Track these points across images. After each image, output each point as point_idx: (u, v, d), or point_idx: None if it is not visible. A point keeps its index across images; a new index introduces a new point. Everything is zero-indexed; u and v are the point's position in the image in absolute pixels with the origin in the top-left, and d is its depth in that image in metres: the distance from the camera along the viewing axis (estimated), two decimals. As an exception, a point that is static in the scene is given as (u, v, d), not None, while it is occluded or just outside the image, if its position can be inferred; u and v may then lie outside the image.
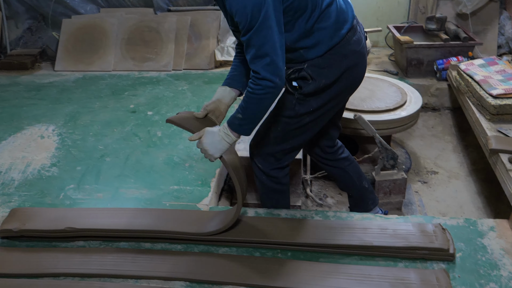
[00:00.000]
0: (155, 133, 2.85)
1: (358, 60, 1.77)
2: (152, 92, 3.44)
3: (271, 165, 1.97)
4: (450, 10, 3.87)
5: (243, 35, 1.54)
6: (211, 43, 3.86)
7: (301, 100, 1.79)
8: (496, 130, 2.42)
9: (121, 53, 3.90)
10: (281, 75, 1.56)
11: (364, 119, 2.42)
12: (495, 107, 2.46)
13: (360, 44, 1.76)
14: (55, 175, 2.44)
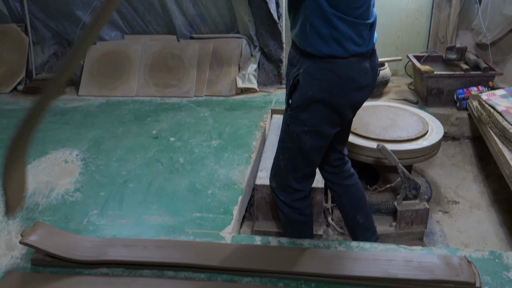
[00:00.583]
0: (177, 159, 2.87)
1: (354, 87, 1.72)
2: (174, 118, 3.48)
3: (292, 196, 1.96)
4: (470, 40, 3.87)
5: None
6: (232, 70, 3.91)
7: (292, 117, 1.79)
8: (520, 161, 2.40)
9: (144, 79, 3.96)
10: None
11: (387, 149, 2.41)
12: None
13: (364, 76, 1.72)
14: (78, 200, 2.46)
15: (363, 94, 1.77)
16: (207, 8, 3.96)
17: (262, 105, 3.65)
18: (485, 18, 3.68)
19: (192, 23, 4.07)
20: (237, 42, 3.97)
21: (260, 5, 3.74)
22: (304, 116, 1.75)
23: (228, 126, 3.30)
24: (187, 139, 3.13)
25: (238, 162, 2.80)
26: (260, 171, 2.58)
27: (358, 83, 1.71)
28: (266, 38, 3.90)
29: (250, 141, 3.06)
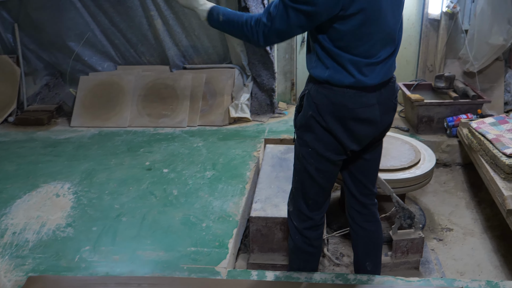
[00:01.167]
0: (171, 191, 2.83)
1: (349, 116, 1.71)
2: (167, 149, 3.45)
3: (303, 223, 1.96)
4: (457, 68, 3.92)
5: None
6: (225, 100, 3.91)
7: (298, 137, 1.85)
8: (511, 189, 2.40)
9: (137, 109, 3.95)
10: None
11: (381, 179, 2.40)
12: (510, 166, 2.44)
13: (363, 108, 1.70)
14: (70, 236, 2.41)
15: (364, 127, 1.75)
16: (200, 39, 3.98)
17: (255, 135, 3.64)
18: (472, 47, 3.74)
19: (185, 54, 4.09)
20: (230, 72, 3.98)
21: (251, 36, 3.77)
22: (307, 137, 1.80)
23: (221, 156, 3.28)
24: (180, 170, 3.10)
25: (232, 194, 2.77)
26: (255, 202, 2.55)
27: (354, 113, 1.71)
28: (258, 68, 3.92)
29: (244, 172, 3.03)
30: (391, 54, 1.73)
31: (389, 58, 1.72)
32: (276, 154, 3.13)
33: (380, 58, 1.69)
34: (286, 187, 2.68)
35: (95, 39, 4.05)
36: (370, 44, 1.64)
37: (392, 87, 1.80)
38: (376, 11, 1.59)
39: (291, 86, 4.24)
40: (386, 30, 1.66)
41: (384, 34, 1.66)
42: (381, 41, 1.66)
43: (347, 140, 1.77)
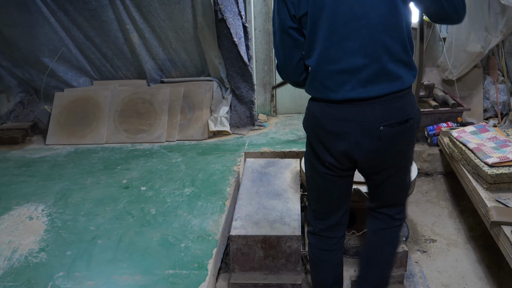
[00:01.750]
0: (149, 210, 2.74)
1: (323, 129, 1.68)
2: (145, 165, 3.36)
3: (309, 226, 2.01)
4: (436, 76, 3.92)
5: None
6: (204, 113, 3.83)
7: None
8: (495, 199, 2.36)
9: (114, 125, 3.84)
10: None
11: (362, 193, 2.34)
12: (492, 177, 2.40)
13: (333, 122, 1.64)
14: (43, 262, 2.30)
15: (340, 143, 1.66)
16: (177, 52, 3.91)
17: (235, 148, 3.57)
18: (450, 55, 3.73)
19: (162, 67, 4.01)
20: (208, 85, 3.91)
21: (230, 48, 3.70)
22: (307, 142, 1.86)
23: (201, 172, 3.19)
24: (159, 187, 3.01)
25: (212, 211, 2.69)
26: (234, 220, 2.47)
27: (326, 127, 1.67)
28: (237, 80, 3.85)
29: (223, 188, 2.95)
30: (364, 66, 1.55)
31: (361, 70, 1.56)
32: (256, 168, 3.06)
33: (342, 67, 1.57)
34: (267, 203, 2.62)
35: (69, 54, 3.95)
36: (322, 48, 1.58)
37: (381, 109, 1.59)
38: (318, 10, 1.55)
39: (271, 98, 4.19)
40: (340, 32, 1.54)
41: (338, 37, 1.54)
42: (337, 45, 1.55)
43: (327, 155, 1.73)
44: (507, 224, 2.10)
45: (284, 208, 2.57)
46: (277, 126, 4.04)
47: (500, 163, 2.46)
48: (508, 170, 2.39)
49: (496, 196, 2.39)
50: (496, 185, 2.42)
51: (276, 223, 2.43)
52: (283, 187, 2.80)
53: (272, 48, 4.00)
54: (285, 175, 2.95)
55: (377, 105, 1.58)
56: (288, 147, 3.52)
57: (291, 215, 2.50)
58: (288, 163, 3.11)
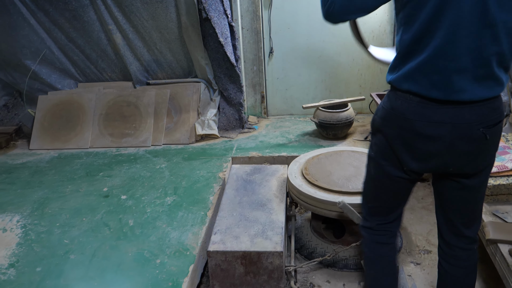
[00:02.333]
0: (127, 221, 2.59)
1: (408, 128, 1.51)
2: (128, 172, 3.21)
3: (363, 221, 1.88)
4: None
5: None
6: (191, 116, 3.67)
7: (371, 136, 1.74)
8: (492, 213, 2.18)
9: (98, 129, 3.70)
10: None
11: (349, 207, 2.18)
12: (489, 188, 2.23)
13: (426, 123, 1.48)
14: (11, 279, 2.16)
15: (431, 146, 1.51)
16: (162, 53, 3.75)
17: (222, 153, 3.41)
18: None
19: (148, 69, 3.85)
20: (195, 87, 3.75)
21: (216, 49, 3.54)
22: (373, 140, 1.69)
23: (185, 179, 3.04)
24: (139, 196, 2.86)
25: (192, 222, 2.54)
26: (214, 234, 2.32)
27: (414, 127, 1.50)
28: (225, 82, 3.69)
29: (207, 196, 2.80)
30: (475, 67, 1.42)
31: (472, 71, 1.42)
32: (241, 175, 2.90)
33: (459, 65, 1.41)
34: (249, 214, 2.46)
35: (52, 57, 3.80)
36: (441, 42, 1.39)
37: (480, 111, 1.47)
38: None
39: (261, 99, 4.02)
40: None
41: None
42: (461, 42, 1.39)
43: (407, 157, 1.57)
44: (504, 243, 1.93)
45: (267, 220, 2.41)
46: (267, 128, 3.88)
47: (498, 172, 2.29)
48: (507, 180, 2.21)
49: (493, 209, 2.22)
50: (494, 197, 2.25)
51: (257, 237, 2.27)
52: (267, 197, 2.64)
53: (261, 48, 3.83)
54: (271, 183, 2.79)
55: (476, 107, 1.46)
56: (277, 151, 3.36)
57: (274, 228, 2.34)
58: (275, 170, 2.95)
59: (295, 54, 3.91)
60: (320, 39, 3.84)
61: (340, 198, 2.37)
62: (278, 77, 3.97)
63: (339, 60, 3.89)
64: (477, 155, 1.53)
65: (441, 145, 1.49)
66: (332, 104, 3.51)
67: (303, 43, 3.87)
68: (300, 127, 3.86)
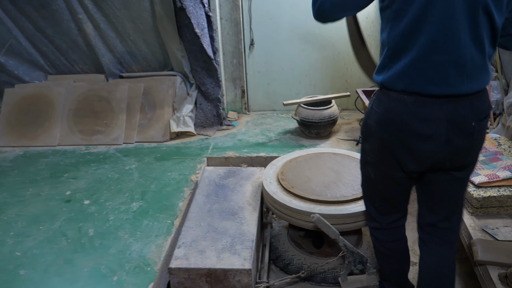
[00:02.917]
0: (86, 231, 2.35)
1: (405, 129, 1.47)
2: (95, 173, 2.96)
3: (370, 222, 1.89)
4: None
5: None
6: (166, 112, 3.42)
7: (361, 143, 1.73)
8: (481, 228, 1.96)
9: (68, 125, 3.44)
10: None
11: (324, 221, 1.95)
12: (479, 200, 2.01)
13: (423, 123, 1.44)
14: (-50, 300, 1.92)
15: (429, 145, 1.48)
16: (136, 45, 3.47)
17: (197, 152, 3.17)
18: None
19: (121, 61, 3.58)
20: (171, 81, 3.48)
21: (193, 40, 3.27)
22: (366, 145, 1.68)
23: (154, 182, 2.80)
24: (104, 201, 2.62)
25: (157, 232, 2.30)
26: (177, 247, 2.08)
27: (411, 128, 1.46)
28: (202, 76, 3.43)
29: (176, 202, 2.56)
30: (471, 59, 1.40)
31: (468, 63, 1.40)
32: (214, 179, 2.66)
33: (454, 58, 1.37)
34: (218, 225, 2.23)
35: (19, 47, 3.52)
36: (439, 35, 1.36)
37: (472, 104, 1.45)
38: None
39: (242, 94, 3.76)
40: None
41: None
42: (454, 34, 1.35)
43: (406, 158, 1.54)
44: (494, 265, 1.71)
45: (237, 232, 2.18)
46: (247, 125, 3.62)
47: (489, 182, 2.05)
48: (498, 192, 1.99)
49: (482, 223, 1.99)
50: (483, 210, 2.03)
51: (225, 252, 2.04)
52: (240, 204, 2.41)
53: (241, 39, 3.56)
54: (245, 188, 2.55)
55: (469, 100, 1.45)
56: (256, 151, 3.12)
57: (244, 241, 2.11)
58: (251, 173, 2.71)
59: (278, 47, 3.64)
60: (304, 31, 3.57)
61: (317, 209, 2.14)
62: (260, 70, 3.70)
63: (324, 54, 3.63)
64: (471, 148, 1.54)
65: (438, 143, 1.47)
66: (314, 101, 3.26)
67: (286, 35, 3.61)
68: (282, 124, 3.61)
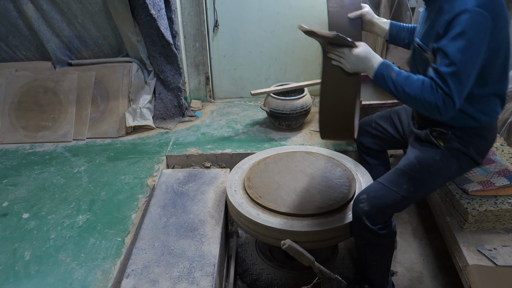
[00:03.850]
0: (22, 254, 1.97)
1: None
2: (38, 178, 2.55)
3: (386, 219, 1.80)
4: (402, 55, 3.10)
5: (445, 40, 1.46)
6: (121, 104, 2.99)
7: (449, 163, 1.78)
8: (476, 249, 1.65)
9: (9, 121, 2.98)
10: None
11: (296, 248, 1.62)
12: (473, 216, 1.69)
13: None
14: None
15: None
16: (85, 28, 3.01)
17: (156, 150, 2.77)
18: (418, 28, 2.92)
19: (70, 46, 3.11)
20: (126, 68, 3.04)
21: (149, 23, 2.83)
22: (455, 167, 1.79)
23: (105, 188, 2.41)
24: (45, 214, 2.23)
25: (105, 254, 1.94)
26: (126, 277, 1.73)
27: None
28: (160, 62, 3.00)
29: (128, 213, 2.19)
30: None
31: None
32: (172, 185, 2.29)
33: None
34: (175, 245, 1.87)
35: (-50, 31, 3.01)
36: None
37: None
38: None
39: (206, 81, 3.34)
40: None
41: None
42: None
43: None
44: (495, 299, 1.41)
45: (197, 254, 1.83)
46: (212, 116, 3.23)
47: (483, 191, 1.74)
48: (495, 206, 1.68)
49: (477, 241, 1.69)
50: (478, 225, 1.72)
51: (181, 281, 1.70)
52: (201, 217, 2.05)
53: (204, 21, 3.13)
54: (207, 196, 2.19)
55: None
56: (221, 147, 2.74)
57: (203, 266, 1.77)
58: (214, 177, 2.35)
59: (245, 29, 3.22)
60: (274, 11, 3.16)
61: (289, 223, 1.81)
62: (225, 55, 3.29)
63: (295, 36, 3.23)
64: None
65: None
66: (285, 90, 2.88)
67: (254, 16, 3.18)
68: (250, 113, 3.23)
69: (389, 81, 1.51)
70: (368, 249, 1.76)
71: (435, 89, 1.45)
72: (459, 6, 1.44)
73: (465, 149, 1.68)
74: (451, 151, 1.70)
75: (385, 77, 1.52)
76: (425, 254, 2.31)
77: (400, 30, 1.96)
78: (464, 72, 1.43)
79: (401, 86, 1.49)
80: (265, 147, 2.69)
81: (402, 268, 2.23)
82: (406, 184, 1.68)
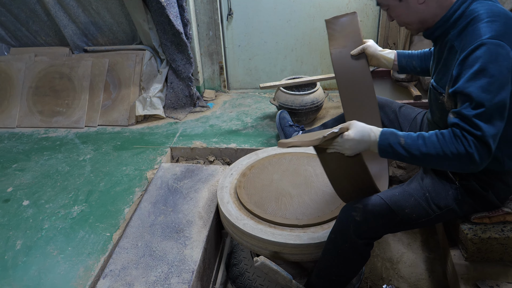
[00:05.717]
0: (14, 243, 1.93)
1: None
2: (45, 164, 2.51)
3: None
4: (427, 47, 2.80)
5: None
6: (132, 92, 2.90)
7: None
8: (475, 283, 1.43)
9: (27, 105, 2.96)
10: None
11: (271, 266, 1.45)
12: (475, 243, 1.46)
13: None
14: None
15: None
16: (100, 14, 2.91)
17: (162, 140, 2.67)
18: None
19: (86, 33, 3.03)
20: (139, 56, 2.94)
21: (160, 10, 2.70)
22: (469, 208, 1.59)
23: (105, 178, 2.34)
24: (44, 202, 2.18)
25: (91, 249, 1.87)
26: (103, 277, 1.64)
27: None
28: (172, 51, 2.86)
29: (122, 207, 2.11)
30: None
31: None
32: (167, 180, 2.18)
33: None
34: (157, 246, 1.77)
35: (-26, 16, 3.01)
36: None
37: None
38: None
39: (220, 70, 3.18)
40: None
41: None
42: None
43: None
44: None
45: (177, 258, 1.72)
46: (224, 107, 3.07)
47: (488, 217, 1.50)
48: (501, 233, 1.44)
49: (479, 274, 1.46)
50: (482, 254, 1.49)
51: (156, 287, 1.59)
52: (189, 217, 1.93)
53: (217, 9, 2.95)
54: (200, 195, 2.07)
55: None
56: (226, 141, 2.60)
57: (181, 271, 1.65)
58: (211, 174, 2.22)
59: (259, 17, 3.02)
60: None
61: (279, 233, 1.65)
62: (240, 44, 3.11)
63: (312, 25, 2.99)
64: None
65: None
66: (295, 83, 2.68)
67: (269, 3, 2.97)
68: (262, 106, 3.05)
69: (399, 149, 1.27)
70: (335, 261, 1.55)
71: (462, 136, 1.21)
72: (473, 40, 1.22)
73: (483, 191, 1.44)
74: (467, 189, 1.46)
75: (393, 146, 1.28)
76: (432, 270, 2.08)
77: (410, 59, 1.79)
78: (495, 110, 1.20)
79: (416, 149, 1.25)
80: (271, 144, 2.52)
81: (405, 284, 2.01)
82: (409, 209, 1.45)
